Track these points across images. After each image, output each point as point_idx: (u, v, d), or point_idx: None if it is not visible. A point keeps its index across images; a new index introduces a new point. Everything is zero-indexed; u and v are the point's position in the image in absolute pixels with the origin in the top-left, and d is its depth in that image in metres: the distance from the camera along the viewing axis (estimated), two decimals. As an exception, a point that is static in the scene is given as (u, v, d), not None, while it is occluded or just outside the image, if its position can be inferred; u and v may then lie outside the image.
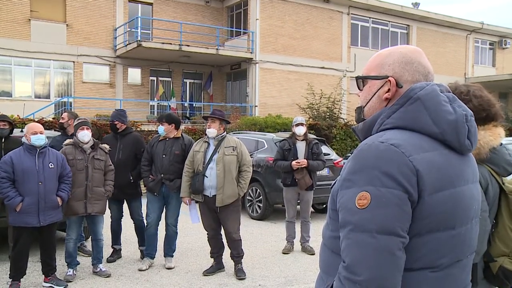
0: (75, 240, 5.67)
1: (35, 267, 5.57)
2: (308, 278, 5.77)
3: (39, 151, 5.10)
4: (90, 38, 20.50)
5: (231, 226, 5.69)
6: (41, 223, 5.06)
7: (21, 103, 17.57)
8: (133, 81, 21.76)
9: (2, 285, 5.38)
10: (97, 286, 5.38)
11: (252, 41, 21.57)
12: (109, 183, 5.74)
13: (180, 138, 6.18)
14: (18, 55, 19.18)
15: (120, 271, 5.93)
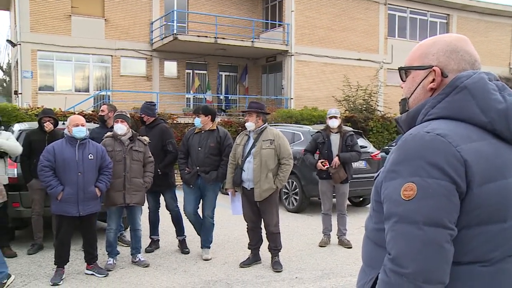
0: (115, 230, 5.79)
1: (78, 255, 5.72)
2: (345, 271, 5.72)
3: (80, 142, 5.22)
4: (128, 32, 20.82)
5: (270, 219, 5.69)
6: (80, 213, 5.19)
7: (62, 97, 18.08)
8: (169, 74, 22.00)
9: (48, 270, 5.54)
10: (136, 275, 5.48)
11: (287, 33, 21.45)
12: (148, 175, 5.81)
13: (215, 131, 6.19)
14: (60, 50, 19.67)
15: (158, 261, 6.02)
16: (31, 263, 5.92)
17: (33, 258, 6.13)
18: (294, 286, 5.18)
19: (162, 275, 5.51)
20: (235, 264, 5.91)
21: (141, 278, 5.37)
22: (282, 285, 5.19)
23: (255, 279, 5.39)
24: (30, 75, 19.17)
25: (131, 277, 5.42)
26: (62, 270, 5.30)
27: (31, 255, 6.22)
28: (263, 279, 5.38)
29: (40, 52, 19.50)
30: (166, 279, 5.35)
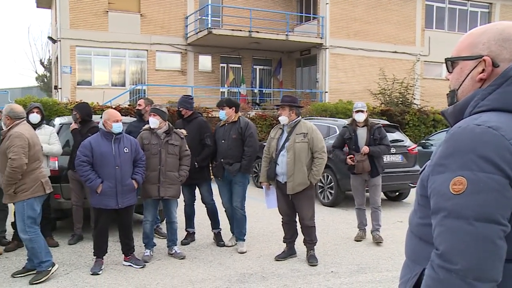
0: (151, 222, 5.87)
1: (116, 247, 5.83)
2: (382, 266, 5.65)
3: (115, 137, 5.32)
4: (163, 27, 21.05)
5: (305, 213, 5.66)
6: (119, 206, 5.30)
7: (99, 91, 18.45)
8: (203, 68, 22.15)
9: (88, 260, 5.69)
10: (172, 267, 5.55)
11: (322, 26, 21.25)
12: (183, 168, 5.84)
13: (237, 122, 6.27)
14: (97, 45, 20.07)
15: (194, 254, 6.09)
16: (72, 252, 6.08)
17: (73, 248, 6.30)
18: (330, 280, 5.15)
19: (198, 267, 5.57)
20: (270, 258, 5.91)
21: (177, 270, 5.44)
22: (317, 279, 5.17)
23: (291, 272, 5.39)
24: (69, 70, 19.64)
25: (168, 268, 5.50)
26: (101, 261, 5.43)
27: (72, 245, 6.40)
28: (299, 273, 5.37)
29: (78, 47, 19.95)
30: (202, 271, 5.40)
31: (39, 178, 5.00)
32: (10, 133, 4.84)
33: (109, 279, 5.12)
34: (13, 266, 5.45)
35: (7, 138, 4.83)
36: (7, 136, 4.85)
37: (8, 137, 4.82)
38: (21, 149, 4.75)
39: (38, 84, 36.80)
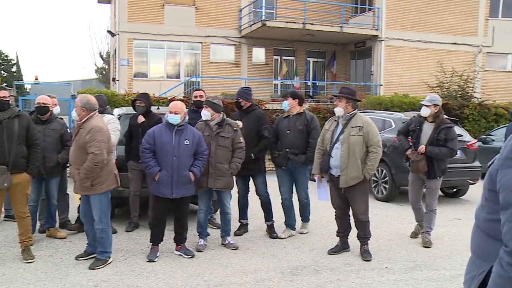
0: (205, 212, 5.96)
1: (171, 235, 5.94)
2: (439, 264, 5.48)
3: (177, 128, 5.41)
4: (217, 19, 21.24)
5: (358, 207, 5.58)
6: (174, 195, 5.40)
7: (155, 83, 18.86)
8: (257, 61, 22.19)
9: (144, 247, 5.85)
10: (225, 257, 5.62)
11: (377, 18, 20.79)
12: (235, 161, 5.82)
13: (302, 114, 6.41)
14: (153, 38, 20.52)
15: (247, 245, 6.13)
16: (129, 239, 6.27)
17: (130, 235, 6.50)
18: (384, 276, 5.06)
19: (250, 258, 5.61)
20: (323, 251, 5.88)
21: (230, 260, 5.50)
22: (371, 274, 5.09)
23: (344, 266, 5.33)
24: (126, 63, 20.20)
25: (221, 258, 5.57)
26: (157, 248, 5.57)
27: (129, 233, 6.60)
28: (352, 267, 5.30)
29: (135, 40, 20.48)
30: (255, 262, 5.44)
31: (112, 170, 5.21)
32: (89, 126, 4.97)
33: (164, 266, 5.24)
34: (76, 250, 5.70)
35: (87, 131, 4.94)
36: (85, 128, 4.98)
37: (88, 131, 4.94)
38: (103, 143, 4.96)
39: (97, 76, 38.06)
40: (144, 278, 4.86)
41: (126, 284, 4.69)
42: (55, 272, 5.00)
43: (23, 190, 5.34)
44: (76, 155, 5.03)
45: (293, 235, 6.57)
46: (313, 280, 4.91)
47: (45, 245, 5.97)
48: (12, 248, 5.79)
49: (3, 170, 5.03)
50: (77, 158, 5.02)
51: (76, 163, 5.02)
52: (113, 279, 4.81)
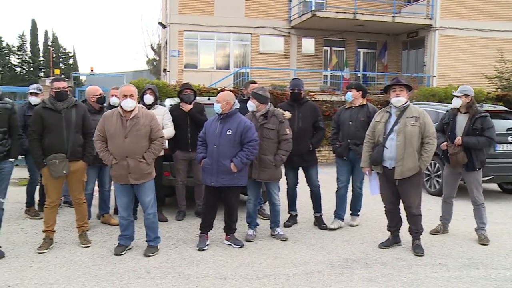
0: (254, 202, 5.97)
1: (220, 225, 6.00)
2: (497, 263, 5.26)
3: (221, 117, 5.46)
4: (267, 10, 21.18)
5: (411, 201, 5.44)
6: (213, 183, 5.43)
7: (204, 74, 19.07)
8: (306, 51, 22.01)
9: (194, 236, 5.94)
10: (275, 248, 5.62)
11: (432, 6, 20.14)
12: (280, 153, 5.76)
13: (365, 106, 6.47)
14: (203, 29, 20.72)
15: (296, 236, 6.11)
16: (179, 228, 6.38)
17: (180, 223, 6.62)
18: (437, 272, 4.92)
19: (300, 249, 5.58)
20: (373, 244, 5.78)
21: (280, 251, 5.50)
22: (424, 270, 4.95)
23: (395, 261, 5.22)
24: (177, 54, 20.50)
25: (270, 249, 5.57)
26: (206, 236, 5.64)
27: (179, 221, 6.72)
28: (404, 262, 5.18)
29: (186, 32, 20.73)
30: (304, 254, 5.41)
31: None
32: (148, 115, 5.22)
33: (214, 255, 5.30)
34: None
35: (149, 120, 5.15)
36: (142, 118, 5.11)
37: (150, 120, 5.16)
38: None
39: (148, 67, 38.87)
40: (194, 267, 4.93)
41: (177, 271, 4.77)
42: (109, 257, 5.16)
43: (80, 177, 5.53)
44: (134, 146, 5.08)
45: (342, 227, 6.55)
46: (364, 273, 4.83)
47: (100, 231, 6.17)
48: (70, 232, 6.03)
49: (62, 158, 5.22)
50: (136, 148, 5.09)
51: (136, 153, 5.10)
52: (165, 266, 4.91)
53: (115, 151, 5.08)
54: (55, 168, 5.22)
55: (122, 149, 5.05)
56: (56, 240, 5.63)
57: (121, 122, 5.07)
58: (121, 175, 5.11)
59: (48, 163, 5.22)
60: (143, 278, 4.57)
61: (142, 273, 4.71)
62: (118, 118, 5.09)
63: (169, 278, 4.58)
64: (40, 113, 5.30)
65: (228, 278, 4.62)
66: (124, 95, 5.07)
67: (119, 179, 5.16)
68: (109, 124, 5.09)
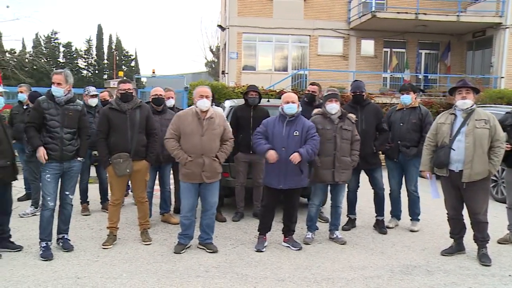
0: (318, 206, 5.93)
1: (279, 226, 5.99)
2: None
3: (288, 119, 5.43)
4: (326, 12, 21.01)
5: (478, 207, 5.21)
6: (281, 186, 5.41)
7: (262, 76, 19.16)
8: (366, 53, 21.64)
9: (252, 237, 5.99)
10: (333, 251, 5.55)
11: (502, 3, 19.20)
12: (355, 153, 5.78)
13: (417, 108, 6.40)
14: (261, 31, 20.83)
15: (355, 240, 6.02)
16: (237, 229, 6.44)
17: (238, 224, 6.67)
18: (508, 284, 4.66)
19: (358, 254, 5.49)
20: (435, 251, 5.59)
21: (338, 255, 5.43)
22: (491, 281, 4.73)
23: (459, 270, 5.02)
24: (235, 56, 20.72)
25: (328, 252, 5.52)
26: (264, 238, 5.65)
27: (236, 222, 6.78)
28: (468, 271, 4.97)
29: (245, 34, 20.91)
30: (363, 258, 5.32)
31: None
32: (221, 116, 5.41)
33: (272, 257, 5.30)
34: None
35: (223, 121, 5.38)
36: (215, 118, 5.29)
37: (223, 120, 5.40)
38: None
39: (206, 69, 39.49)
40: (253, 268, 4.95)
41: (235, 272, 4.81)
42: (169, 255, 5.28)
43: (143, 177, 5.69)
44: (210, 144, 5.26)
45: (398, 225, 6.59)
46: (425, 281, 4.68)
47: (160, 229, 6.33)
48: (132, 230, 6.22)
49: (126, 157, 5.40)
50: (211, 147, 5.28)
51: (212, 152, 5.28)
52: (223, 266, 4.96)
53: (191, 149, 5.22)
54: (119, 167, 5.40)
55: (199, 147, 5.21)
56: (119, 236, 5.83)
57: (197, 121, 5.23)
58: (194, 173, 5.24)
59: (113, 162, 5.42)
60: (202, 277, 4.64)
61: (201, 271, 4.79)
62: (195, 117, 5.25)
63: (227, 278, 4.63)
64: (106, 113, 5.52)
65: (286, 280, 4.61)
66: (200, 95, 5.25)
67: (191, 177, 5.28)
68: (185, 123, 5.24)
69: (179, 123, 5.28)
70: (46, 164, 5.14)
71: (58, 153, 5.13)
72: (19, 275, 4.61)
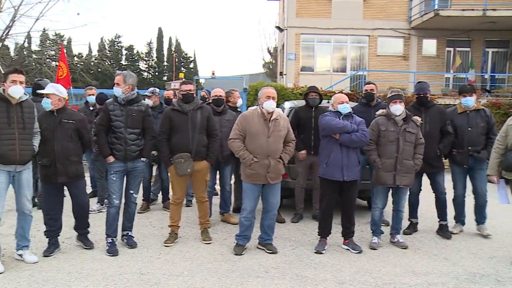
0: (381, 210, 5.79)
1: (338, 229, 5.91)
2: None
3: (343, 116, 5.46)
4: (385, 11, 20.58)
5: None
6: (343, 178, 5.38)
7: (321, 77, 19.03)
8: (427, 53, 21.01)
9: (311, 239, 5.95)
10: (394, 256, 5.41)
11: None
12: (418, 157, 5.62)
13: (481, 110, 6.18)
14: (320, 32, 20.69)
15: (417, 245, 5.84)
16: (296, 230, 6.42)
17: (297, 226, 6.65)
18: None
19: (421, 259, 5.33)
20: (505, 260, 5.33)
21: (399, 260, 5.29)
22: None
23: (531, 280, 4.77)
24: (293, 57, 20.69)
25: (389, 257, 5.39)
26: (325, 241, 5.60)
27: (295, 223, 6.76)
28: (541, 282, 4.72)
29: (303, 35, 20.85)
30: (425, 264, 5.15)
31: None
32: (284, 117, 5.46)
33: (332, 259, 5.24)
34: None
35: (287, 122, 5.44)
36: (281, 119, 5.33)
37: (287, 121, 5.44)
38: None
39: (264, 70, 39.66)
40: (312, 269, 4.92)
41: (295, 273, 4.79)
42: (229, 254, 5.33)
43: (203, 177, 5.78)
44: (275, 146, 5.29)
45: (463, 231, 6.35)
46: (494, 290, 4.48)
47: (220, 229, 6.41)
48: (193, 229, 6.34)
49: (187, 157, 5.50)
50: (277, 148, 5.31)
51: (277, 153, 5.31)
52: (282, 267, 4.95)
53: (257, 150, 5.24)
54: (180, 167, 5.51)
55: (266, 148, 5.23)
56: (180, 235, 5.94)
57: (263, 122, 5.26)
58: (259, 174, 5.26)
59: (175, 162, 5.54)
60: (262, 277, 4.65)
61: (261, 272, 4.80)
62: (260, 118, 5.28)
63: (287, 279, 4.62)
64: (168, 114, 5.65)
65: (346, 283, 4.55)
66: (267, 96, 5.28)
67: (255, 178, 5.30)
68: (251, 124, 5.28)
69: (245, 123, 5.30)
70: (111, 164, 5.33)
71: (122, 153, 5.31)
72: (88, 268, 4.84)
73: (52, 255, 5.20)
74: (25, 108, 4.83)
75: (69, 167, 5.14)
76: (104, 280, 4.51)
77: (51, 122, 5.11)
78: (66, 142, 5.12)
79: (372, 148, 5.62)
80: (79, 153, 5.34)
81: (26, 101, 4.87)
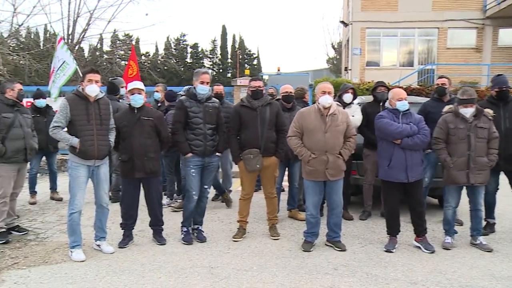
0: (454, 208, 5.55)
1: (407, 227, 5.77)
2: None
3: (402, 113, 5.35)
4: (457, 1, 19.76)
5: None
6: (409, 180, 5.24)
7: (387, 72, 18.56)
8: (504, 44, 19.98)
9: (381, 237, 5.81)
10: (469, 257, 5.16)
11: None
12: (492, 152, 5.36)
13: None
14: (386, 26, 20.21)
15: (495, 247, 5.49)
16: (365, 228, 6.31)
17: (366, 223, 6.54)
18: None
19: (500, 262, 5.03)
20: None
21: (476, 261, 5.05)
22: None
23: None
24: (359, 52, 20.34)
25: (465, 258, 5.15)
26: (395, 240, 5.46)
27: (364, 221, 6.65)
28: None
29: (368, 29, 20.46)
30: (506, 267, 4.84)
31: None
32: (343, 112, 5.41)
33: (403, 258, 5.10)
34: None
35: (346, 117, 5.34)
36: (339, 114, 5.27)
37: (346, 117, 5.35)
38: None
39: (328, 66, 39.27)
40: (382, 268, 4.81)
41: (365, 271, 4.71)
42: (297, 251, 5.32)
43: (272, 172, 5.81)
44: (333, 141, 5.21)
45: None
46: None
47: (287, 225, 6.41)
48: (260, 224, 6.40)
49: (256, 153, 5.55)
50: (335, 144, 5.22)
51: (335, 149, 5.22)
52: (352, 265, 4.88)
53: (315, 146, 5.21)
54: (249, 162, 5.57)
55: (323, 144, 5.18)
56: (248, 230, 6.00)
57: (320, 117, 5.21)
58: (318, 171, 5.21)
59: (244, 158, 5.60)
60: (330, 275, 4.61)
61: (329, 269, 4.76)
62: (317, 114, 5.24)
63: (356, 277, 4.55)
64: (238, 110, 5.72)
65: (418, 284, 4.41)
66: (322, 92, 5.24)
67: (314, 175, 5.26)
68: (307, 121, 5.25)
69: (301, 120, 5.29)
70: (190, 160, 5.48)
71: (201, 148, 5.47)
72: (160, 260, 5.00)
73: (126, 246, 5.43)
74: (101, 105, 5.08)
75: (146, 163, 5.32)
76: (176, 272, 4.64)
77: (131, 119, 5.34)
78: (144, 139, 5.33)
79: (441, 147, 5.41)
80: (157, 150, 5.52)
81: (102, 99, 5.12)
